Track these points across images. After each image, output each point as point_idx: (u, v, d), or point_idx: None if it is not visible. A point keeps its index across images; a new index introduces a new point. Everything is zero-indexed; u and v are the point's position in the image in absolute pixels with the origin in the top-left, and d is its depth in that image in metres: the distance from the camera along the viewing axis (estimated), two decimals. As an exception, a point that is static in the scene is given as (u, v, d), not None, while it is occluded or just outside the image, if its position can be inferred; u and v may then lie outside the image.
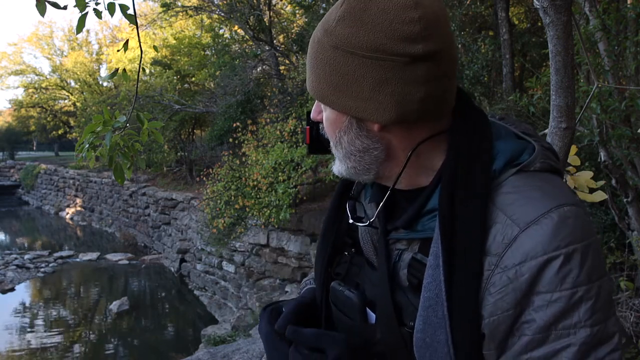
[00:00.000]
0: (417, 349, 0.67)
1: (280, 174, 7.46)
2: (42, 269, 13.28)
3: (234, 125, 9.55)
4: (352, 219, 0.80)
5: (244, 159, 8.47)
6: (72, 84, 28.28)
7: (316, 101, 0.76)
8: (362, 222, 0.79)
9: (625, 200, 3.34)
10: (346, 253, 0.85)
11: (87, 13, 2.07)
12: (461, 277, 0.63)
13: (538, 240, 0.60)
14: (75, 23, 2.46)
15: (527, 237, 0.60)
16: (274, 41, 12.09)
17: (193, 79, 16.65)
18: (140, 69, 2.52)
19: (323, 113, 0.74)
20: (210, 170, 9.56)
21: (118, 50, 2.77)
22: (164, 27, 18.47)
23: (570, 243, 0.60)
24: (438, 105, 0.66)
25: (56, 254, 14.74)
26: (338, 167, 0.75)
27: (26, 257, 14.30)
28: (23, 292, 11.86)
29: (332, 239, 0.86)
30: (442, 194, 0.67)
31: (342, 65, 0.64)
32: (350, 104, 0.66)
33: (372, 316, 0.77)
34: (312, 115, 0.78)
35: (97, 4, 2.10)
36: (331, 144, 0.75)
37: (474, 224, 0.63)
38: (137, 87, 2.83)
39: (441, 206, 0.66)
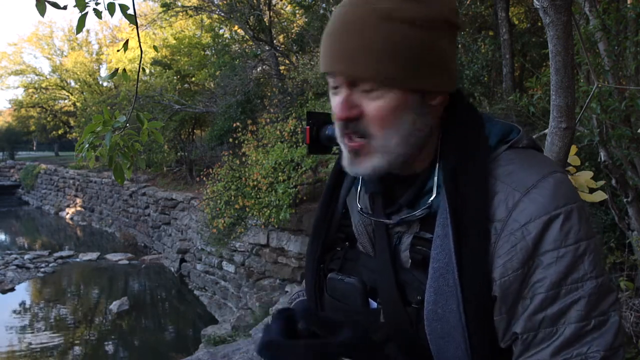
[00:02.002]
0: (428, 323, 0.68)
1: (280, 174, 7.46)
2: (42, 269, 13.27)
3: (234, 125, 9.55)
4: (362, 213, 0.80)
5: (244, 159, 8.46)
6: (72, 84, 28.27)
7: (346, 96, 0.68)
8: (371, 216, 0.79)
9: (625, 200, 3.34)
10: (339, 249, 0.85)
11: (87, 13, 2.07)
12: (470, 243, 0.66)
13: (539, 201, 0.64)
14: (75, 23, 2.46)
15: (528, 200, 0.65)
16: (274, 41, 12.08)
17: (193, 79, 16.65)
18: (140, 69, 2.52)
19: (367, 104, 0.68)
20: (210, 170, 9.56)
21: (118, 50, 2.77)
22: (164, 27, 18.46)
23: (567, 203, 0.65)
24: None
25: (56, 254, 14.73)
26: (378, 161, 0.70)
27: (26, 257, 14.29)
28: (23, 292, 11.86)
29: (324, 237, 0.86)
30: (445, 167, 0.70)
31: (416, 40, 0.64)
32: (424, 78, 0.67)
33: (373, 304, 0.77)
34: (343, 114, 0.68)
35: (97, 4, 2.10)
36: (379, 135, 0.68)
37: (478, 193, 0.67)
38: (137, 87, 2.83)
39: (446, 178, 0.69)
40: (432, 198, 0.71)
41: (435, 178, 0.72)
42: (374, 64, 0.64)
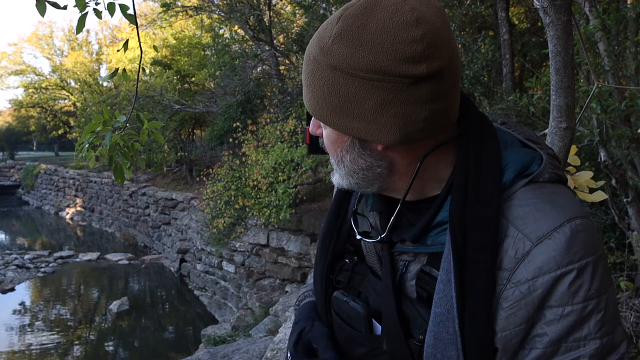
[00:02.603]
0: None
1: (280, 174, 7.46)
2: (42, 269, 13.28)
3: (234, 125, 9.55)
4: (359, 234, 0.79)
5: (244, 159, 8.46)
6: (72, 84, 28.27)
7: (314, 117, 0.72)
8: (369, 237, 0.77)
9: (625, 200, 3.34)
10: (347, 261, 0.83)
11: (87, 13, 2.07)
12: (473, 293, 0.63)
13: (551, 255, 0.60)
14: (75, 23, 2.46)
15: (539, 252, 0.60)
16: (274, 41, 12.08)
17: (193, 79, 16.65)
18: (140, 69, 2.52)
19: (322, 129, 0.72)
20: (210, 170, 9.56)
21: (118, 50, 2.77)
22: (164, 27, 18.47)
23: (582, 257, 0.60)
24: (443, 121, 0.63)
25: (56, 254, 14.73)
26: (339, 181, 0.73)
27: (26, 257, 14.29)
28: (23, 292, 11.86)
29: (332, 246, 0.84)
30: (452, 208, 0.65)
31: (341, 86, 0.60)
32: (352, 125, 0.63)
33: (378, 327, 0.76)
34: (311, 130, 0.74)
35: (97, 4, 2.10)
36: (331, 160, 0.72)
37: (485, 238, 0.63)
38: (137, 87, 2.83)
39: (452, 221, 0.65)
40: (437, 238, 0.70)
41: (445, 211, 0.70)
42: (310, 100, 0.66)
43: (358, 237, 0.78)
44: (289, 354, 0.86)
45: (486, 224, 0.63)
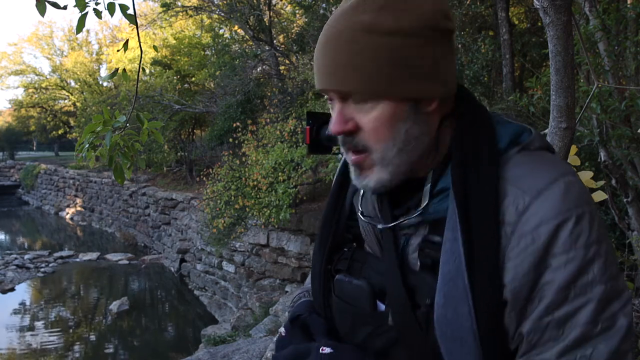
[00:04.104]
0: (438, 326, 0.68)
1: (280, 174, 7.45)
2: (42, 269, 13.27)
3: (234, 125, 9.55)
4: (363, 217, 0.80)
5: (244, 159, 8.46)
6: (72, 84, 28.27)
7: (339, 110, 0.69)
8: (373, 220, 0.79)
9: (625, 200, 3.34)
10: (346, 249, 0.84)
11: (87, 13, 2.07)
12: (480, 247, 0.65)
13: (550, 205, 0.64)
14: (75, 23, 2.46)
15: (539, 204, 0.64)
16: (274, 41, 12.08)
17: (193, 79, 16.64)
18: (140, 69, 2.52)
19: (361, 117, 0.69)
20: (210, 170, 9.56)
21: (118, 50, 2.77)
22: (164, 27, 18.46)
23: (578, 206, 0.64)
24: (455, 78, 0.72)
25: (56, 254, 14.72)
26: (380, 175, 0.71)
27: (26, 257, 14.28)
28: (23, 292, 11.86)
29: (331, 237, 0.86)
30: (454, 172, 0.69)
31: (399, 51, 0.65)
32: (413, 86, 0.67)
33: (382, 307, 0.77)
34: (338, 128, 0.69)
35: (97, 4, 2.10)
36: (376, 148, 0.70)
37: (487, 196, 0.66)
38: (137, 87, 2.83)
39: (454, 182, 0.69)
40: (440, 199, 0.72)
41: (444, 180, 0.72)
42: (360, 77, 0.65)
43: (362, 217, 0.80)
44: (283, 329, 0.87)
45: (487, 183, 0.67)
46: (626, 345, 0.63)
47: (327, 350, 0.72)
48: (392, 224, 0.76)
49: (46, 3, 1.95)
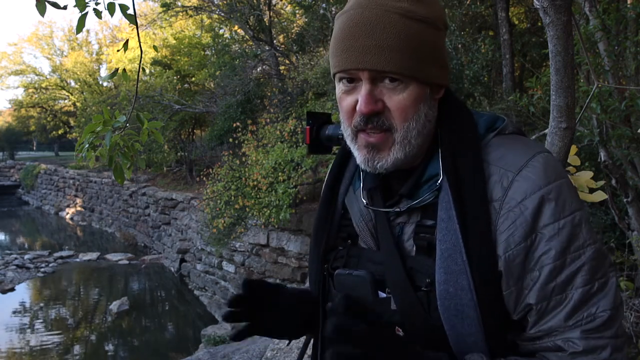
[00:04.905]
0: (441, 302, 0.71)
1: (280, 174, 7.45)
2: (42, 269, 13.27)
3: (234, 125, 9.55)
4: (366, 205, 0.84)
5: (244, 159, 8.46)
6: (72, 84, 28.26)
7: (369, 90, 0.71)
8: (374, 206, 0.82)
9: (625, 200, 3.34)
10: (341, 248, 0.87)
11: (87, 13, 2.07)
12: (474, 224, 0.70)
13: (532, 178, 0.70)
14: (75, 23, 2.46)
15: (522, 179, 0.70)
16: (274, 41, 12.08)
17: (193, 79, 16.64)
18: (140, 69, 2.52)
19: (390, 98, 0.72)
20: (210, 170, 9.56)
21: (118, 50, 2.77)
22: (164, 27, 18.46)
23: (557, 178, 0.70)
24: None
25: (56, 254, 14.71)
26: (398, 153, 0.74)
27: (26, 257, 14.28)
28: (23, 292, 11.85)
29: (326, 236, 0.88)
30: (445, 155, 0.75)
31: (429, 38, 0.71)
32: (435, 72, 0.73)
33: (382, 296, 0.79)
34: (369, 108, 0.71)
35: (97, 4, 2.10)
36: (402, 126, 0.73)
37: (476, 176, 0.72)
38: (137, 87, 2.83)
39: (446, 164, 0.74)
40: (439, 181, 0.75)
41: (433, 166, 0.77)
42: (399, 58, 0.70)
43: (365, 204, 0.84)
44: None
45: (474, 165, 0.73)
46: (619, 299, 0.69)
47: (401, 332, 0.74)
48: (389, 209, 0.79)
49: (46, 3, 1.95)
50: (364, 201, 0.84)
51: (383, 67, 0.69)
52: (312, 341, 0.95)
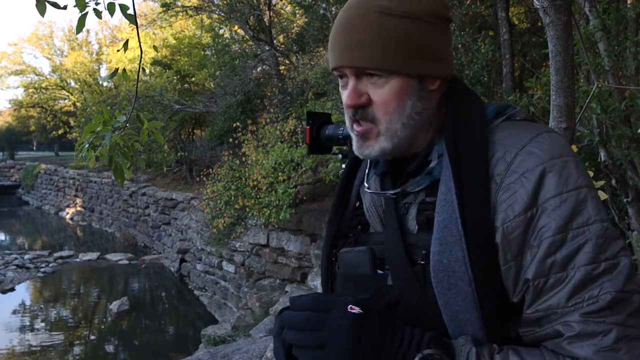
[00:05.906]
0: (434, 274, 0.70)
1: (280, 174, 7.46)
2: (42, 269, 13.27)
3: (234, 125, 9.55)
4: (377, 192, 0.85)
5: (244, 159, 8.46)
6: (72, 84, 28.26)
7: (353, 85, 0.75)
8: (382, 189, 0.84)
9: (625, 200, 3.34)
10: (351, 235, 0.88)
11: (87, 13, 2.07)
12: (472, 195, 0.69)
13: (536, 153, 0.68)
14: (75, 23, 2.46)
15: (525, 154, 0.69)
16: (274, 41, 12.08)
17: (193, 79, 16.64)
18: (140, 69, 2.52)
19: (374, 92, 0.75)
20: (210, 170, 9.56)
21: (118, 50, 2.77)
22: (164, 27, 18.46)
23: (562, 155, 0.68)
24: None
25: (56, 254, 14.72)
26: (383, 145, 0.76)
27: (26, 257, 14.28)
28: (23, 292, 11.86)
29: (338, 222, 0.90)
30: (447, 133, 0.76)
31: (415, 32, 0.72)
32: (422, 64, 0.74)
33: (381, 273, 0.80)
34: (353, 101, 0.75)
35: (97, 4, 2.10)
36: (384, 119, 0.75)
37: (478, 153, 0.72)
38: (137, 87, 2.83)
39: (448, 142, 0.75)
40: (434, 163, 0.76)
41: (438, 148, 0.78)
42: (378, 54, 0.72)
43: (368, 190, 0.85)
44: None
45: (478, 142, 0.73)
46: (631, 285, 0.63)
47: (356, 310, 0.68)
48: (395, 191, 0.80)
49: (46, 3, 1.95)
50: (367, 185, 0.86)
51: (362, 63, 0.73)
52: None
